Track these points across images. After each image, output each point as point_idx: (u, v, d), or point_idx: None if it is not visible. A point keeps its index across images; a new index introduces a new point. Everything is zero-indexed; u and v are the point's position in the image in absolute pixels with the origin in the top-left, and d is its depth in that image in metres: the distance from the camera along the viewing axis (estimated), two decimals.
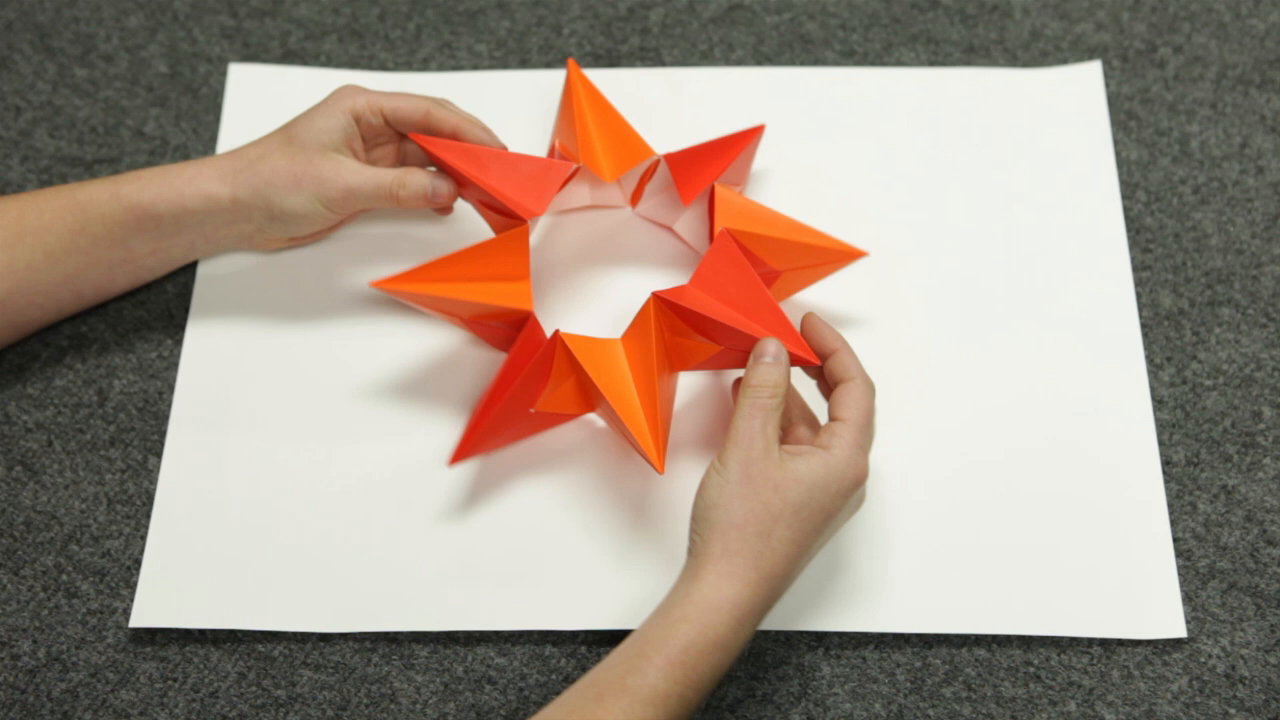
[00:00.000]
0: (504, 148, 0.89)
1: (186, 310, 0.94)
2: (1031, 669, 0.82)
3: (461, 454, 0.84)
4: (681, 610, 0.75)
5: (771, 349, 0.81)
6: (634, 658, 0.74)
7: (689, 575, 0.76)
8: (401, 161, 0.92)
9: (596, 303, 0.93)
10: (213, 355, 0.92)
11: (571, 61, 0.93)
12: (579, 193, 0.95)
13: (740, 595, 0.75)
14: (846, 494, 0.77)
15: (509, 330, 0.86)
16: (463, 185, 0.89)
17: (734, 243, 0.85)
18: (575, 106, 0.92)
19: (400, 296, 0.83)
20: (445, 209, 0.92)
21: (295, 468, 0.88)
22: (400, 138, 0.91)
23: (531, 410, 0.84)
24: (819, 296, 0.93)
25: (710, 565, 0.75)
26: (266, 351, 0.92)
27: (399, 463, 0.88)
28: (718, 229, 0.86)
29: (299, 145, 0.87)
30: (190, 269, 0.95)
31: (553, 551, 0.85)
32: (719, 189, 0.88)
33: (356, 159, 0.88)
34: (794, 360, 0.81)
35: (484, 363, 0.91)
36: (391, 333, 0.92)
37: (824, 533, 0.78)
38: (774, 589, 0.76)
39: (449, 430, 0.89)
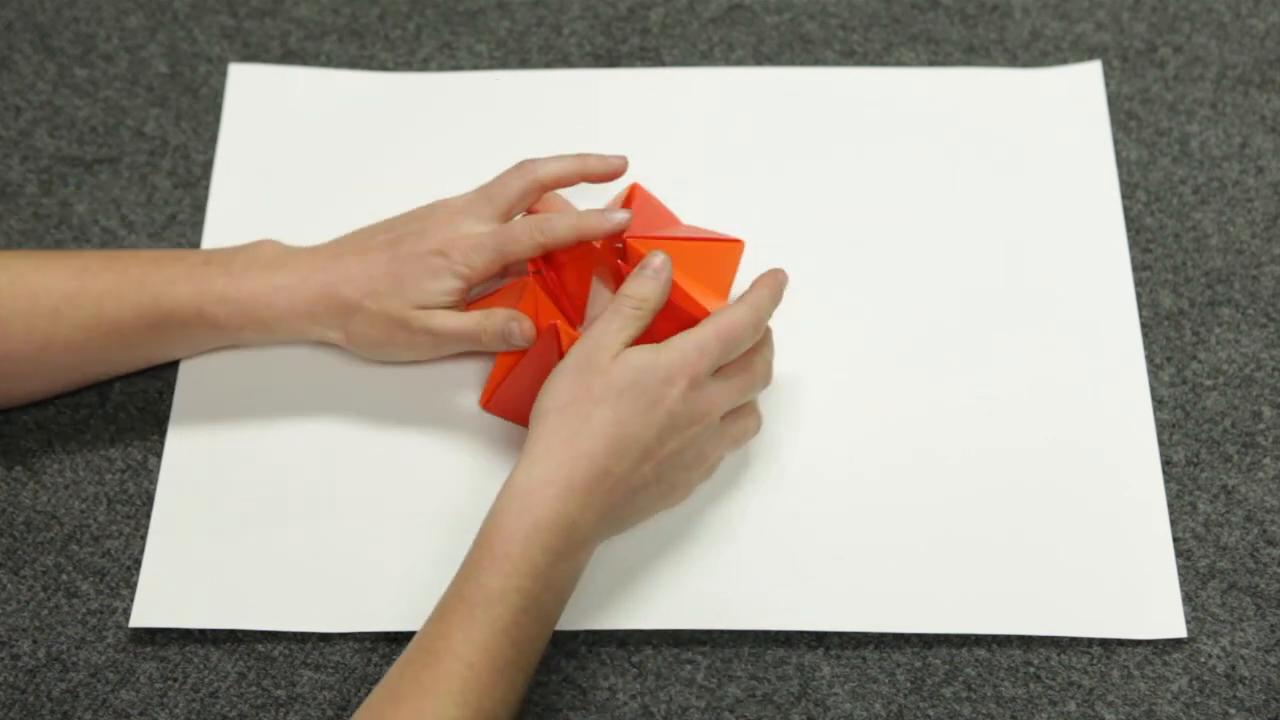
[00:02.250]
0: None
1: None
2: (1031, 669, 0.82)
3: (489, 399, 0.88)
4: (501, 503, 0.76)
5: (655, 262, 0.82)
6: (467, 566, 0.76)
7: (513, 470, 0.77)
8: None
9: None
10: (213, 355, 0.92)
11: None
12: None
13: (554, 473, 0.76)
14: (672, 381, 0.78)
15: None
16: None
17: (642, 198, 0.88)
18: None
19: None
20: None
21: (295, 467, 0.88)
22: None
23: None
24: (817, 295, 0.93)
25: (527, 452, 0.77)
26: (268, 352, 0.92)
27: (400, 463, 0.88)
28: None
29: (399, 301, 0.84)
30: None
31: None
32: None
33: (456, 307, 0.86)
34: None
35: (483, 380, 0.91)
36: None
37: (651, 420, 0.78)
38: (595, 468, 0.76)
39: (450, 429, 0.89)
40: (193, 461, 0.89)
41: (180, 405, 0.90)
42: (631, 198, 0.89)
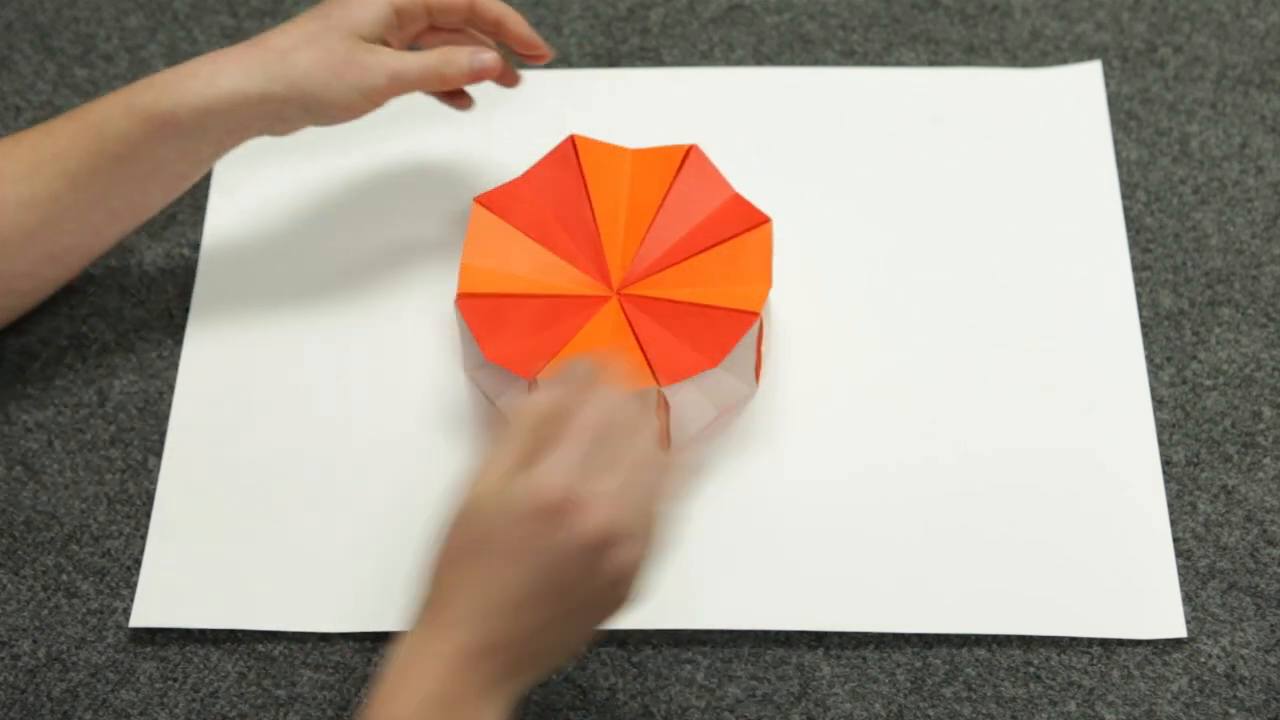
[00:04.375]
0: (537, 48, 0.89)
1: (187, 310, 0.94)
2: (1031, 669, 0.82)
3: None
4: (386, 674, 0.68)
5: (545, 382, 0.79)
6: None
7: None
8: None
9: None
10: (213, 355, 0.92)
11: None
12: None
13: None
14: (519, 520, 0.65)
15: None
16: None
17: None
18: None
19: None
20: (503, 80, 0.90)
21: (296, 467, 0.88)
22: (436, 31, 0.89)
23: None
24: (815, 295, 0.93)
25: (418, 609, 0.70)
26: (267, 351, 0.92)
27: (401, 462, 0.88)
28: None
29: (337, 34, 0.84)
30: (191, 268, 0.95)
31: None
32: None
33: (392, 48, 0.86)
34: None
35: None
36: (399, 331, 0.92)
37: (529, 566, 0.66)
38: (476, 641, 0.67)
39: (452, 430, 0.89)
40: (193, 461, 0.89)
41: (180, 405, 0.90)
42: (686, 160, 0.88)
